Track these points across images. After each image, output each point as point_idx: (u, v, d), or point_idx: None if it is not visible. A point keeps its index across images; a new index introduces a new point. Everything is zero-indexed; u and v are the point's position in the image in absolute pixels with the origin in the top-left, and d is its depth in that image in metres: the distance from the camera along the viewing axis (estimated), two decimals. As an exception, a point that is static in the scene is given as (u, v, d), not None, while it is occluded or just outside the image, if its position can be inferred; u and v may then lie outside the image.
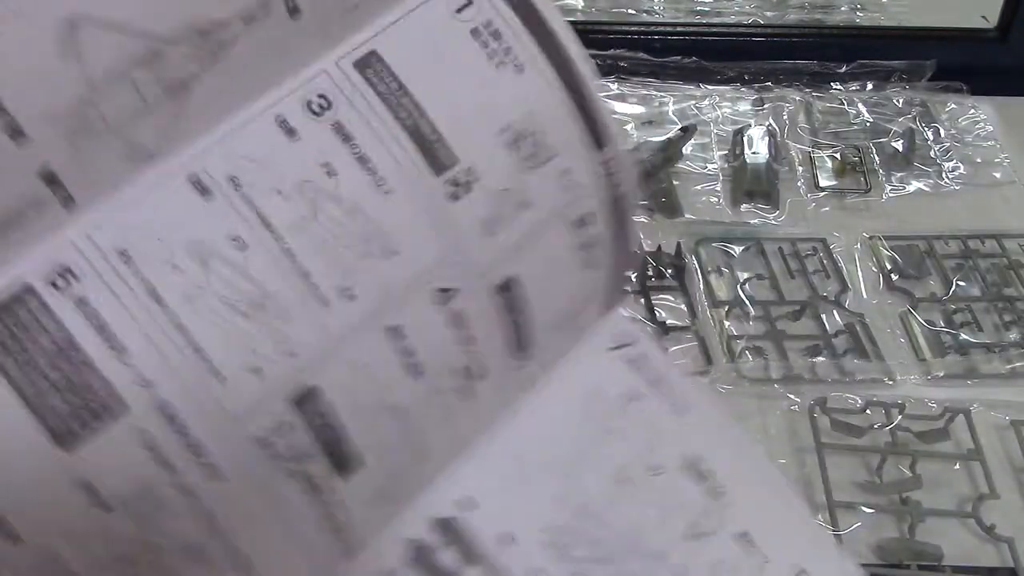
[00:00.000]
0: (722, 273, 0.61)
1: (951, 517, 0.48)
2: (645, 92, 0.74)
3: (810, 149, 0.70)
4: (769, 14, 0.84)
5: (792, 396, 0.54)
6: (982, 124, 0.73)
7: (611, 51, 0.75)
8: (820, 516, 0.48)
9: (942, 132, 0.72)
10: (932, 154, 0.70)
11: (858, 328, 0.58)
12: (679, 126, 0.70)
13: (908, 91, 0.75)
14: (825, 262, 0.62)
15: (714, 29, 0.81)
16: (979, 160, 0.70)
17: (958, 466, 0.51)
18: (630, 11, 0.84)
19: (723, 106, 0.73)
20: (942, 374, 0.56)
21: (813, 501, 0.49)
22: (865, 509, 0.48)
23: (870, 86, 0.75)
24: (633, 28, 0.80)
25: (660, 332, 0.57)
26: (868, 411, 0.53)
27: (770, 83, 0.75)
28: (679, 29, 0.80)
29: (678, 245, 0.62)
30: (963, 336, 0.58)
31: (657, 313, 0.58)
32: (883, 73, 0.75)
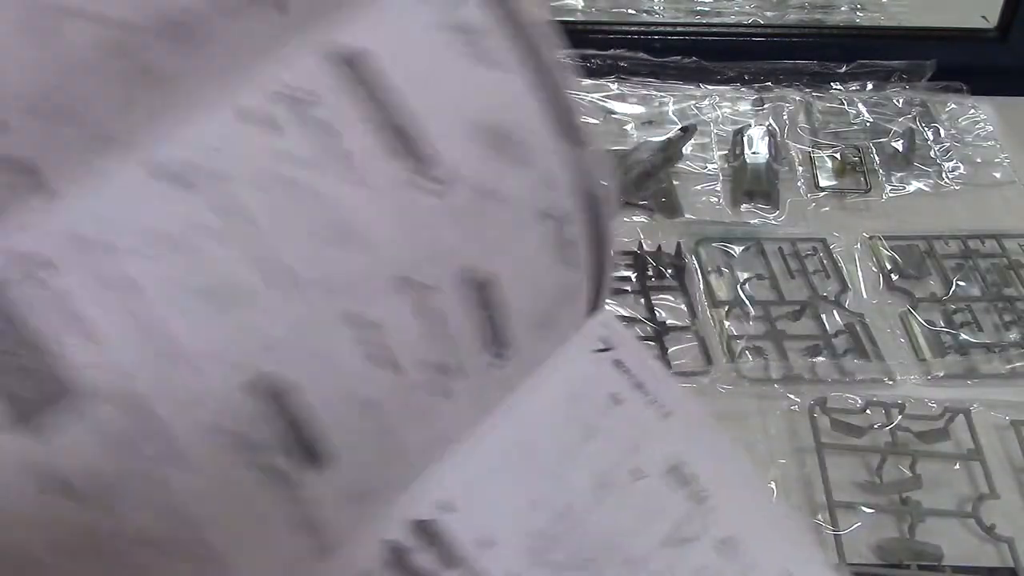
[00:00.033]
0: (722, 273, 0.61)
1: (951, 517, 0.48)
2: (645, 92, 0.74)
3: (810, 149, 0.70)
4: (769, 14, 0.84)
5: (792, 396, 0.54)
6: (982, 124, 0.73)
7: (611, 51, 0.75)
8: (820, 516, 0.48)
9: (942, 132, 0.72)
10: (932, 154, 0.70)
11: (858, 328, 0.58)
12: (679, 126, 0.69)
13: (908, 91, 0.75)
14: (825, 262, 0.62)
15: (714, 29, 0.81)
16: (979, 160, 0.70)
17: (958, 466, 0.51)
18: (630, 11, 0.84)
19: (723, 106, 0.73)
20: (942, 374, 0.56)
21: (813, 501, 0.49)
22: (865, 509, 0.48)
23: (870, 86, 0.75)
24: (633, 28, 0.80)
25: (660, 332, 0.57)
26: (868, 411, 0.53)
27: (770, 83, 0.75)
28: (679, 29, 0.80)
29: (678, 245, 0.62)
30: (963, 336, 0.58)
31: (657, 313, 0.58)
32: (883, 73, 0.75)
